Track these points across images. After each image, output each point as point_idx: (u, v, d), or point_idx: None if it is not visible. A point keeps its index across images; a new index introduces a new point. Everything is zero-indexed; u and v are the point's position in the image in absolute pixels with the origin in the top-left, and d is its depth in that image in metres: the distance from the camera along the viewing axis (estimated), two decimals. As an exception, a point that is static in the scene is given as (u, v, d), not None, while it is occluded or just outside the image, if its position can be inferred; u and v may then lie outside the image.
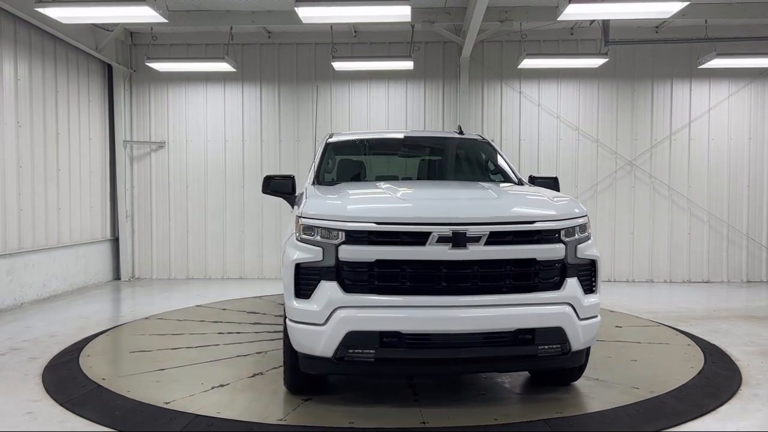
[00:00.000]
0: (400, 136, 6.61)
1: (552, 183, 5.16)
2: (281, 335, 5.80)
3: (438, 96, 10.31)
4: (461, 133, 6.06)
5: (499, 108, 10.27)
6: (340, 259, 3.66)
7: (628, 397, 4.26)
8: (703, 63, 9.31)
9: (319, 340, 3.64)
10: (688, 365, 5.05)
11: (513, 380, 4.71)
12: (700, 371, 4.88)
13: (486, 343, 3.67)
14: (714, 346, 5.76)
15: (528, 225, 3.74)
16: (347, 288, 3.67)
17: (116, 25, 9.38)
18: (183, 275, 10.53)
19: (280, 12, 9.23)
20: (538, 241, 3.75)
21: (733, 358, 5.33)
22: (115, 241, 10.46)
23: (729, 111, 10.15)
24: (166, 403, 4.05)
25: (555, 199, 4.11)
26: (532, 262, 3.74)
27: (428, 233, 3.62)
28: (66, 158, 9.10)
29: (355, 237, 3.66)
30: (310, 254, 3.73)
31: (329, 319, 3.62)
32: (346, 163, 5.59)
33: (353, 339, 3.60)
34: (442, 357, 3.73)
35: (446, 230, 3.62)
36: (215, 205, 10.49)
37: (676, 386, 4.49)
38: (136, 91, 10.54)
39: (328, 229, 3.72)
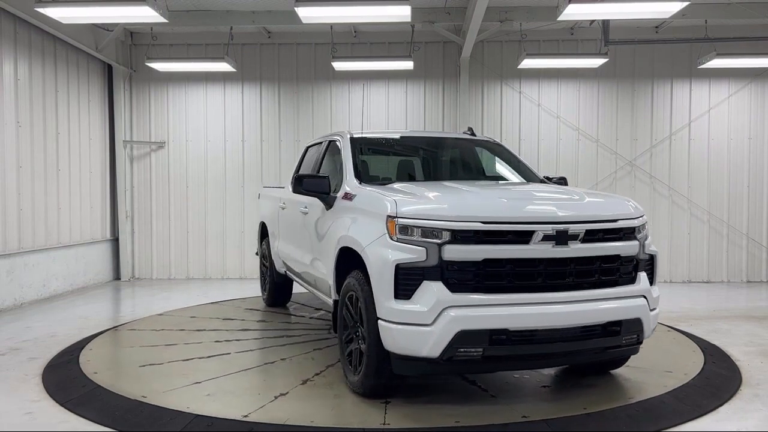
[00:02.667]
0: (419, 136, 6.56)
1: (564, 183, 5.45)
2: (287, 341, 5.85)
3: (438, 96, 10.31)
4: (473, 134, 6.17)
5: (499, 108, 10.27)
6: (445, 258, 3.66)
7: (674, 381, 4.57)
8: (703, 63, 9.31)
9: (427, 341, 3.62)
10: (688, 365, 5.05)
11: (560, 371, 4.87)
12: (700, 371, 4.88)
13: (582, 336, 3.85)
14: (714, 346, 5.76)
15: (613, 223, 4.01)
16: (453, 287, 3.66)
17: (116, 25, 9.37)
18: (183, 275, 10.53)
19: (280, 12, 9.23)
20: (620, 238, 4.03)
21: (733, 358, 5.34)
22: (115, 241, 10.46)
23: (729, 111, 10.15)
24: (245, 416, 3.87)
25: (623, 199, 4.38)
26: (616, 258, 4.00)
27: (532, 232, 3.75)
28: (66, 158, 9.10)
29: (461, 236, 3.69)
30: (412, 254, 3.70)
31: (437, 319, 3.60)
32: (369, 162, 5.53)
33: (463, 338, 3.61)
34: (544, 352, 3.87)
35: (549, 229, 3.77)
36: (215, 205, 10.49)
37: (677, 386, 4.49)
38: (136, 91, 10.54)
39: (431, 229, 3.71)
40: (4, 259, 7.71)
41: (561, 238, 3.79)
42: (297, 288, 7.50)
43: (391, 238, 3.83)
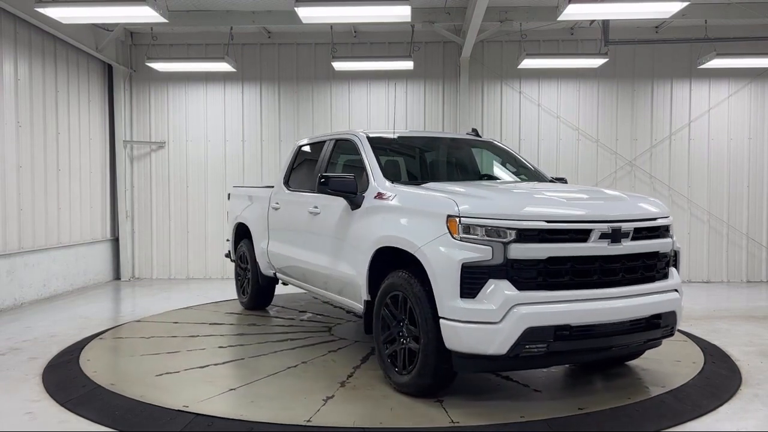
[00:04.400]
0: (434, 136, 6.51)
1: (564, 183, 5.65)
2: (293, 344, 5.73)
3: (438, 96, 10.31)
4: (477, 135, 6.23)
5: (499, 108, 10.27)
6: (510, 257, 3.73)
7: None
8: (703, 63, 9.31)
9: (494, 339, 3.67)
10: (688, 365, 5.05)
11: (578, 365, 5.02)
12: (700, 371, 4.88)
13: (630, 329, 4.02)
14: (714, 346, 5.76)
15: (653, 221, 4.26)
16: (519, 285, 3.73)
17: (116, 25, 9.37)
18: (183, 275, 10.53)
19: (280, 12, 9.23)
20: (658, 236, 4.29)
21: (733, 358, 5.34)
22: (115, 241, 10.46)
23: (729, 111, 10.15)
24: (307, 421, 3.80)
25: (652, 199, 4.66)
26: (655, 254, 4.23)
27: (590, 230, 3.91)
28: (66, 158, 9.10)
29: (526, 235, 3.77)
30: (478, 253, 3.74)
31: (506, 317, 3.66)
32: (387, 162, 5.45)
33: (530, 335, 3.68)
34: (598, 346, 4.02)
35: (605, 227, 3.94)
36: (215, 205, 10.48)
37: (676, 386, 4.50)
38: (136, 91, 10.54)
39: (497, 228, 3.76)
40: (4, 259, 7.71)
41: (615, 236, 3.95)
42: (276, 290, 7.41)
43: (454, 238, 3.84)
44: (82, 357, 5.32)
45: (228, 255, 7.96)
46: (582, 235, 3.89)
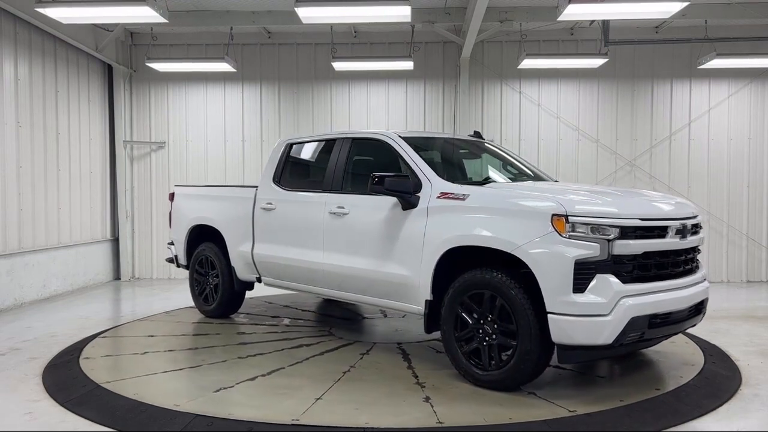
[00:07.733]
0: (456, 138, 6.44)
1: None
2: (313, 350, 5.52)
3: (438, 96, 10.30)
4: (480, 137, 6.28)
5: (499, 108, 10.27)
6: (614, 253, 4.03)
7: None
8: (703, 63, 9.31)
9: (604, 330, 3.93)
10: (688, 365, 5.05)
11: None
12: (700, 371, 4.88)
13: (689, 315, 4.48)
14: (714, 346, 5.77)
15: (695, 219, 4.69)
16: (622, 279, 4.03)
17: (116, 25, 9.38)
18: (183, 275, 10.51)
19: (280, 12, 9.23)
20: (699, 232, 4.78)
21: (733, 358, 5.34)
22: (115, 241, 10.46)
23: (729, 111, 10.15)
24: (440, 423, 3.78)
25: (683, 199, 5.10)
26: (697, 248, 4.77)
27: (667, 227, 4.34)
28: (66, 158, 9.10)
29: (627, 232, 4.09)
30: (588, 250, 3.97)
31: (614, 309, 3.93)
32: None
33: (633, 324, 3.99)
34: (672, 331, 4.48)
35: (678, 224, 4.40)
36: (215, 205, 10.46)
37: (676, 386, 4.50)
38: (136, 91, 10.54)
39: (602, 226, 4.03)
40: (4, 259, 7.71)
41: (684, 231, 4.43)
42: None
43: (561, 236, 4.02)
44: (83, 358, 5.28)
45: (173, 260, 7.36)
46: (663, 232, 4.30)
